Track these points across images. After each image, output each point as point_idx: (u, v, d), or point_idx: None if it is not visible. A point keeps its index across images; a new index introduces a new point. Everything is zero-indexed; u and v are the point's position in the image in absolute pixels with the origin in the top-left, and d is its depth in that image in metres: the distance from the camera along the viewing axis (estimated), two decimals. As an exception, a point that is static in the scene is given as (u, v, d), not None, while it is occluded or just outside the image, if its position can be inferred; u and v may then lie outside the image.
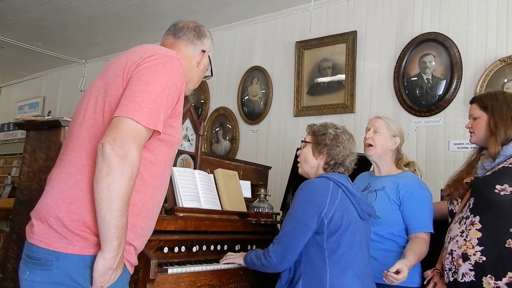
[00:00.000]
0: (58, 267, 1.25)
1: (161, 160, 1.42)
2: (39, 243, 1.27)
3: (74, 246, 1.26)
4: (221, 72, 4.70)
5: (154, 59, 1.37)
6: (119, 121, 1.24)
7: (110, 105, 1.34)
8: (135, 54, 1.40)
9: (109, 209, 1.21)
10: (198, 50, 1.64)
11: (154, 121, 1.29)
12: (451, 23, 3.25)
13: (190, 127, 2.44)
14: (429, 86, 3.29)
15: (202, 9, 4.33)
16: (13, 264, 2.21)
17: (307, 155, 1.99)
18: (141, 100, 1.27)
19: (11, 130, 7.84)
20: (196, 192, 2.23)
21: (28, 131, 2.36)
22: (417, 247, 2.00)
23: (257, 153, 4.26)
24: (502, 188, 1.74)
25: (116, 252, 1.25)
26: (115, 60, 1.47)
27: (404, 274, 1.83)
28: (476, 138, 1.97)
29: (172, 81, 1.36)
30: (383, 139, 2.22)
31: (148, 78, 1.32)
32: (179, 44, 1.61)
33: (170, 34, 1.65)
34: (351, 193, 1.85)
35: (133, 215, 1.32)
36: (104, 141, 1.21)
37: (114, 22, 4.92)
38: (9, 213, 2.64)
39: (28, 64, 6.87)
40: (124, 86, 1.34)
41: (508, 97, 1.92)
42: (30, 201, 2.17)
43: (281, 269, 1.86)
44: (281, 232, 1.86)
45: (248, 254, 2.00)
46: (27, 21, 5.07)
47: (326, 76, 3.88)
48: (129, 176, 1.22)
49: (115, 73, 1.38)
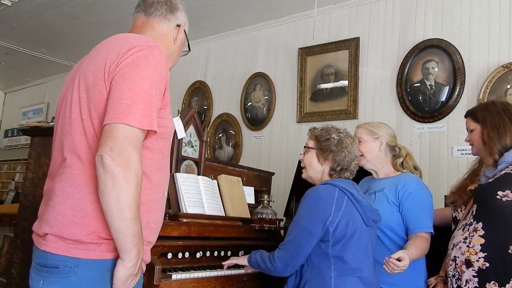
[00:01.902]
0: (77, 273, 1.22)
1: (158, 153, 1.38)
2: (56, 251, 1.23)
3: (94, 251, 1.24)
4: (224, 78, 4.72)
5: (133, 53, 1.28)
6: (112, 128, 1.19)
7: (97, 111, 1.27)
8: (111, 51, 1.31)
9: (122, 220, 1.19)
10: (172, 25, 1.54)
11: (147, 121, 1.23)
12: (453, 29, 3.26)
13: (193, 133, 2.45)
14: (432, 92, 3.29)
15: (205, 16, 4.36)
16: (17, 269, 2.22)
17: (311, 161, 1.98)
18: (130, 101, 1.21)
19: (15, 136, 7.86)
20: (199, 198, 2.23)
21: (33, 137, 2.37)
22: (417, 243, 1.99)
23: (260, 159, 4.26)
24: (504, 194, 1.74)
25: (136, 259, 1.24)
26: (89, 59, 1.37)
27: (405, 262, 1.78)
28: (476, 150, 2.00)
29: (157, 73, 1.29)
30: (368, 145, 2.24)
31: (132, 76, 1.24)
32: (151, 22, 1.51)
33: (140, 11, 1.54)
34: (356, 200, 1.85)
35: (144, 213, 1.30)
36: (101, 152, 1.16)
37: (118, 28, 4.92)
38: (12, 219, 2.66)
39: (32, 70, 6.91)
40: (108, 88, 1.26)
41: (499, 106, 1.95)
42: (34, 206, 2.18)
43: (286, 274, 1.86)
44: (286, 239, 1.86)
45: (253, 254, 2.00)
46: (31, 27, 5.11)
47: (329, 82, 3.89)
48: (135, 183, 1.20)
49: (94, 76, 1.29)
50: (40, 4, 4.45)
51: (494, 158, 1.84)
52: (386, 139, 2.24)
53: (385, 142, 2.24)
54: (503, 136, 1.85)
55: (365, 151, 2.23)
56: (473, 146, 2.02)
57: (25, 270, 1.86)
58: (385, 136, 2.25)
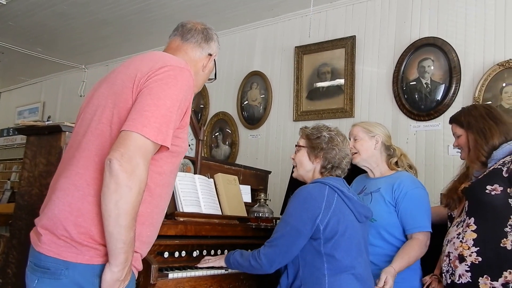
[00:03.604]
0: (68, 276, 1.25)
1: (167, 170, 1.41)
2: (48, 252, 1.26)
3: (84, 255, 1.26)
4: (221, 77, 4.70)
5: (165, 71, 1.34)
6: (127, 135, 1.23)
7: (119, 117, 1.31)
8: (145, 65, 1.37)
9: (116, 225, 1.20)
10: (204, 53, 1.62)
11: (162, 136, 1.27)
12: (449, 27, 3.26)
13: (190, 132, 2.45)
14: (428, 90, 3.30)
15: (202, 15, 4.35)
16: (13, 269, 2.21)
17: (302, 159, 1.98)
18: (150, 114, 1.25)
19: (11, 135, 7.83)
20: (196, 197, 2.23)
21: (28, 136, 2.36)
22: (407, 251, 2.01)
23: (256, 157, 4.26)
24: (493, 188, 1.78)
25: (123, 266, 1.26)
26: (122, 68, 1.43)
27: (389, 284, 1.86)
28: (465, 154, 2.03)
29: (182, 93, 1.34)
30: (363, 143, 2.24)
31: (158, 91, 1.30)
32: (186, 47, 1.59)
33: (178, 35, 1.62)
34: (347, 197, 1.85)
35: (138, 224, 1.31)
36: (111, 156, 1.19)
37: (116, 27, 4.93)
38: (8, 218, 2.64)
39: (27, 69, 6.89)
40: (134, 98, 1.31)
41: (481, 110, 1.99)
42: (30, 206, 2.17)
43: (270, 271, 1.86)
44: (273, 236, 1.86)
45: (231, 254, 1.98)
46: (27, 26, 5.09)
47: (325, 80, 3.89)
48: (137, 192, 1.21)
49: (123, 84, 1.35)
50: (35, 3, 4.43)
51: (481, 161, 1.88)
52: (381, 138, 2.25)
53: (380, 141, 2.24)
54: (490, 139, 1.88)
55: (360, 148, 2.23)
56: (461, 151, 2.05)
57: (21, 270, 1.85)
58: (381, 135, 2.25)
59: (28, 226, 1.38)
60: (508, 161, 1.80)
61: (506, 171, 1.78)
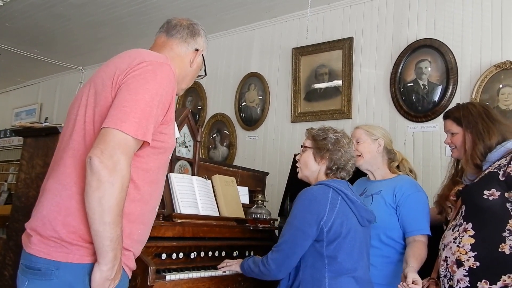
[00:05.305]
0: (58, 276, 1.24)
1: (154, 166, 1.40)
2: (38, 253, 1.26)
3: (74, 255, 1.26)
4: (219, 78, 4.71)
5: (143, 66, 1.34)
6: (107, 132, 1.23)
7: (100, 115, 1.32)
8: (123, 62, 1.37)
9: (101, 223, 1.20)
10: (191, 48, 1.61)
11: (142, 131, 1.27)
12: (446, 29, 3.27)
13: (187, 133, 2.45)
14: (425, 91, 3.31)
15: (199, 16, 4.35)
16: (10, 271, 2.20)
17: (307, 160, 1.98)
18: (129, 110, 1.25)
19: (8, 136, 7.80)
20: (194, 198, 2.23)
21: (25, 138, 2.36)
22: (417, 252, 2.00)
23: (254, 159, 4.26)
24: (490, 193, 1.75)
25: (112, 264, 1.25)
26: (103, 67, 1.44)
27: (420, 283, 1.80)
28: (458, 153, 1.99)
29: (162, 88, 1.34)
30: (366, 145, 2.25)
31: (136, 86, 1.30)
32: (171, 43, 1.59)
33: (163, 32, 1.62)
34: (350, 200, 1.85)
35: (128, 222, 1.32)
36: (91, 154, 1.19)
37: (113, 28, 4.92)
38: (5, 220, 2.64)
39: (25, 71, 6.86)
40: (113, 95, 1.31)
41: (480, 108, 1.94)
42: (27, 208, 2.17)
43: (280, 277, 1.86)
44: (280, 240, 1.86)
45: (246, 261, 2.00)
46: (24, 28, 5.07)
47: (323, 82, 3.89)
48: (119, 188, 1.21)
49: (103, 82, 1.36)
50: (32, 4, 4.42)
51: (475, 163, 1.85)
52: (384, 141, 2.26)
53: (383, 144, 2.25)
54: (488, 141, 1.85)
55: (363, 151, 2.23)
56: (454, 149, 2.00)
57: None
58: (383, 138, 2.26)
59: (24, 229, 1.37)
60: (504, 164, 1.76)
61: (502, 175, 1.74)
